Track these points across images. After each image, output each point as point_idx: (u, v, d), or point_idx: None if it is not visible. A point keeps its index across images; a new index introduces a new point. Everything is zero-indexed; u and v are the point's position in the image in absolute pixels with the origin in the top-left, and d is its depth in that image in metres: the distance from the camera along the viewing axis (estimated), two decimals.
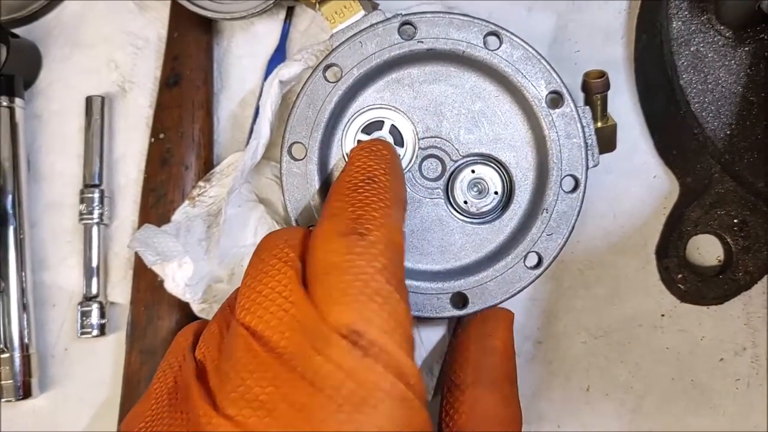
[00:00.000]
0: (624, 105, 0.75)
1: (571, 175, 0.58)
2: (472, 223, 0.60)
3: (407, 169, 0.59)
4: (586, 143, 0.58)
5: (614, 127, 0.61)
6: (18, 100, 0.75)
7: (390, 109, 0.59)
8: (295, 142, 0.58)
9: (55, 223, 0.78)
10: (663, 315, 0.73)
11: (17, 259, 0.74)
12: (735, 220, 0.69)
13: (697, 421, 0.72)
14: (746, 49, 0.67)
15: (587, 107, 0.59)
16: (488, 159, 0.60)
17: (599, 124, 0.60)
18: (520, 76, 0.58)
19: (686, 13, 0.68)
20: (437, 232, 0.59)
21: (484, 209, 0.60)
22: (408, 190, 0.59)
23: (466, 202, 0.59)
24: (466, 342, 0.59)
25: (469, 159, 0.60)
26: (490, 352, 0.58)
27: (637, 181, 0.74)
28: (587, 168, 0.58)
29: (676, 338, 0.73)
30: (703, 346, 0.73)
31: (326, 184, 0.60)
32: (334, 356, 0.42)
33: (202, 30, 0.76)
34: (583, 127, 0.58)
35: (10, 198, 0.74)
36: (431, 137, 0.59)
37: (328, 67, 0.58)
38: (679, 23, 0.68)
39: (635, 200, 0.74)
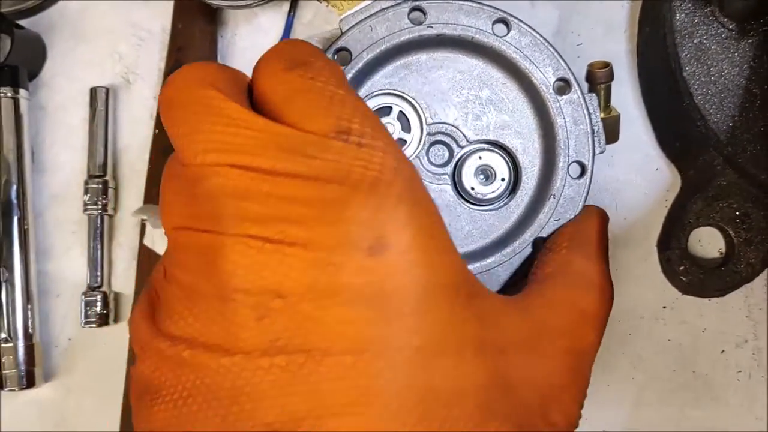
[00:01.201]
0: (626, 97, 0.75)
1: (578, 162, 0.58)
2: (479, 209, 0.60)
3: (415, 154, 0.59)
4: (592, 129, 0.58)
5: (617, 117, 0.61)
6: (22, 91, 0.76)
7: (398, 95, 0.59)
8: None
9: (60, 213, 0.78)
10: (665, 307, 0.73)
11: (21, 250, 0.74)
12: (737, 213, 0.69)
13: (699, 412, 0.73)
14: (749, 41, 0.68)
15: (593, 94, 0.59)
16: (495, 145, 0.60)
17: (602, 115, 0.60)
18: (528, 63, 0.58)
19: (689, 5, 0.68)
20: (445, 218, 0.58)
21: (491, 196, 0.60)
22: None
23: (473, 189, 0.59)
24: (565, 227, 0.59)
25: (476, 145, 0.60)
26: (586, 232, 0.57)
27: (638, 174, 0.75)
28: (594, 154, 0.58)
29: (678, 330, 0.73)
30: (704, 338, 0.73)
31: None
32: (331, 155, 0.41)
33: (206, 21, 0.76)
34: (590, 113, 0.58)
35: (14, 189, 0.74)
36: (439, 123, 0.59)
37: (338, 51, 0.58)
38: (683, 15, 0.68)
39: (637, 193, 0.75)
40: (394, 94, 0.59)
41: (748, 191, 0.69)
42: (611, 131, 0.61)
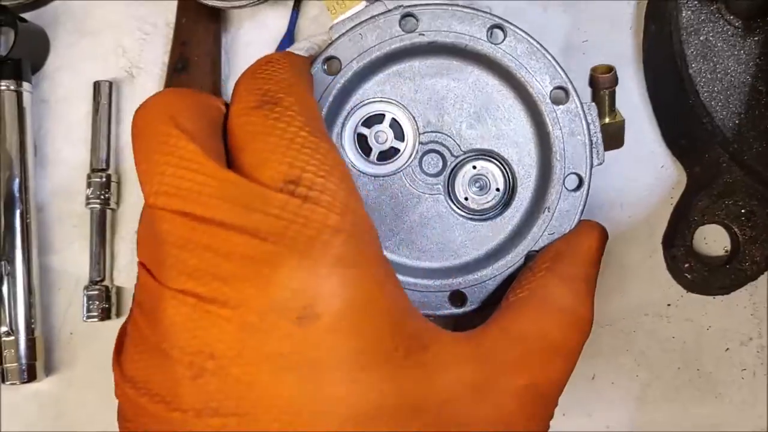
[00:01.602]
0: (632, 95, 0.75)
1: (575, 173, 0.57)
2: (472, 220, 0.59)
3: (407, 164, 0.59)
4: (591, 141, 0.57)
5: (622, 123, 0.60)
6: (25, 85, 0.76)
7: (390, 103, 0.58)
8: None
9: (62, 207, 0.78)
10: (669, 304, 0.73)
11: (23, 243, 0.74)
12: (742, 210, 0.69)
13: (703, 409, 0.73)
14: (755, 38, 0.67)
15: (593, 104, 0.58)
16: (490, 155, 0.59)
17: (606, 120, 0.59)
18: (524, 71, 0.57)
19: (696, 2, 0.67)
20: (437, 229, 0.59)
21: (485, 206, 0.59)
22: (408, 185, 0.59)
23: (467, 199, 0.59)
24: (554, 242, 0.57)
25: (470, 154, 0.59)
26: (575, 250, 0.55)
27: (644, 171, 0.74)
28: (591, 166, 0.57)
29: (682, 327, 0.73)
30: (709, 336, 0.73)
31: None
32: (272, 210, 0.40)
33: (210, 16, 0.76)
34: (588, 124, 0.57)
35: (17, 182, 0.74)
36: (432, 132, 0.59)
37: (327, 59, 0.57)
38: (689, 13, 0.67)
39: (643, 190, 0.74)
40: (387, 101, 0.59)
41: (753, 189, 0.68)
42: (615, 137, 0.60)
